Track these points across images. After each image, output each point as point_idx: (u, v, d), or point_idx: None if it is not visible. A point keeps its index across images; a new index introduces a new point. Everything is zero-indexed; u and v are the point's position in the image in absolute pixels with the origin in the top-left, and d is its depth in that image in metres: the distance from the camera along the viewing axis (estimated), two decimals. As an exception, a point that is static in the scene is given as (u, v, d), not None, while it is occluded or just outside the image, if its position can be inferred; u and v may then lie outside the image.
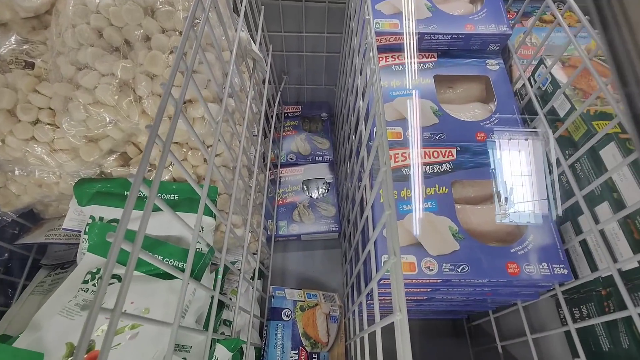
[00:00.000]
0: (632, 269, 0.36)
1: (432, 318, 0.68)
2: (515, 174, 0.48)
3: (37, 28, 0.44)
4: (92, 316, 0.21)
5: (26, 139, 0.41)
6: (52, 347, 0.34)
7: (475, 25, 0.56)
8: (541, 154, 0.48)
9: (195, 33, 0.34)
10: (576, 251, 0.45)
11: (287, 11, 0.74)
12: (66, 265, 0.60)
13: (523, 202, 0.47)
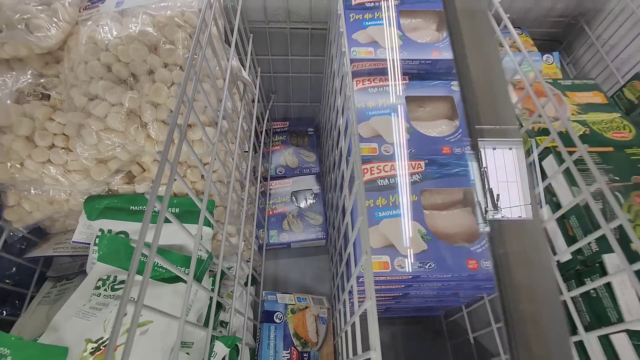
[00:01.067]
0: (567, 261, 0.42)
1: (413, 316, 0.74)
2: (501, 180, 0.55)
3: (50, 63, 0.50)
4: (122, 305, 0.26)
5: (43, 162, 0.46)
6: (72, 344, 0.38)
7: (440, 51, 0.63)
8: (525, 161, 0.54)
9: (194, 69, 0.40)
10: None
11: (274, 36, 0.81)
12: (71, 276, 0.64)
13: (510, 208, 0.53)
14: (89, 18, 0.50)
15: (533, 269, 0.22)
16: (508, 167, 0.38)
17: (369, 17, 0.66)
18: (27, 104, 0.47)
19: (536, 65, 0.69)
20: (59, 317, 0.43)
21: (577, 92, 0.57)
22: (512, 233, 0.25)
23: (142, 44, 0.46)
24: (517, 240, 0.24)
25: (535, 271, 0.23)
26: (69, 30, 0.49)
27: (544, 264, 0.22)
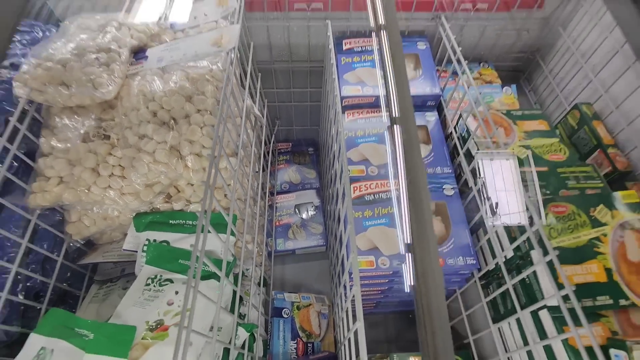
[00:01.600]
0: (511, 257, 0.55)
1: (401, 310, 0.87)
2: (499, 189, 0.66)
3: (106, 109, 0.64)
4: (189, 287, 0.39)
5: (104, 188, 0.60)
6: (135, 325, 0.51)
7: (416, 88, 0.77)
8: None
9: (222, 115, 0.54)
10: (485, 249, 0.64)
11: (278, 73, 0.95)
12: (114, 279, 0.77)
13: (509, 215, 0.64)
14: (137, 73, 0.64)
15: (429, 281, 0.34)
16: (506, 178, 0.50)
17: (357, 60, 0.80)
18: (91, 143, 0.60)
19: (497, 96, 0.83)
20: (120, 307, 0.56)
21: (525, 121, 0.71)
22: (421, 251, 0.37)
23: (181, 95, 0.60)
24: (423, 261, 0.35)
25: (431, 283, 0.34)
26: (122, 84, 0.63)
27: (438, 280, 0.34)
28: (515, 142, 0.67)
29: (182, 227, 0.63)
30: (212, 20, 0.72)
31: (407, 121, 0.44)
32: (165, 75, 0.63)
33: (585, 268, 0.48)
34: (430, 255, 0.34)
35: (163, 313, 0.53)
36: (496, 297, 0.59)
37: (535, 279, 0.50)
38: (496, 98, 0.82)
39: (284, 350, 0.80)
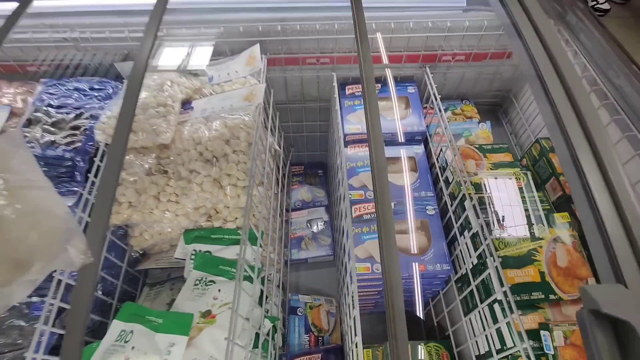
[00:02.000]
0: (476, 264, 0.71)
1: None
2: (505, 204, 0.80)
3: (163, 149, 0.83)
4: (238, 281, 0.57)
5: (163, 210, 0.78)
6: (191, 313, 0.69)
7: (405, 126, 0.95)
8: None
9: (253, 156, 0.72)
10: (460, 257, 0.80)
11: (293, 110, 1.14)
12: (162, 282, 0.95)
13: (515, 227, 0.77)
14: (186, 121, 0.84)
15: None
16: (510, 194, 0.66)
17: (358, 103, 0.99)
18: (153, 176, 0.79)
19: (474, 130, 1.00)
20: (177, 302, 0.74)
21: (493, 154, 0.87)
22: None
23: (220, 139, 0.79)
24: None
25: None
26: (175, 130, 0.82)
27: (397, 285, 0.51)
28: (483, 172, 0.83)
29: (220, 240, 0.81)
30: (241, 76, 0.91)
31: (377, 153, 0.59)
32: (208, 123, 0.82)
33: (524, 271, 0.64)
34: (394, 265, 0.50)
35: (210, 305, 0.71)
36: (466, 295, 0.75)
37: (490, 280, 0.66)
38: (473, 132, 0.99)
39: (298, 342, 0.97)
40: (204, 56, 0.93)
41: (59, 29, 0.87)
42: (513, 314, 0.57)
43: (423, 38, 0.92)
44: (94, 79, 0.93)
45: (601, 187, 0.47)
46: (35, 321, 0.63)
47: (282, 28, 0.88)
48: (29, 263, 0.37)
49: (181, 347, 0.64)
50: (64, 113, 0.87)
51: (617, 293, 0.40)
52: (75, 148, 0.82)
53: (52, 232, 0.39)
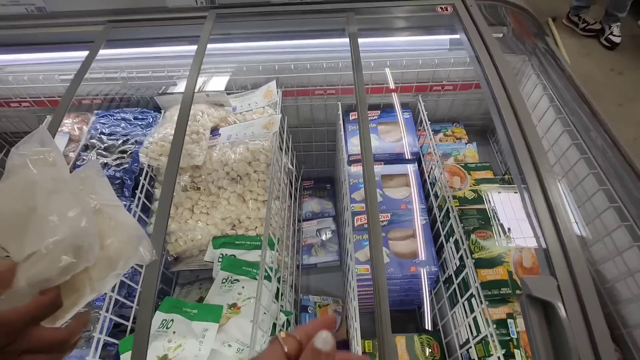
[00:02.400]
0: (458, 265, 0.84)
1: (397, 309, 1.15)
2: (510, 217, 0.92)
3: (195, 169, 0.99)
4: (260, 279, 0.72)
5: (196, 221, 0.94)
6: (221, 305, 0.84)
7: (401, 147, 1.09)
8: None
9: (271, 174, 0.87)
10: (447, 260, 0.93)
11: (304, 132, 1.30)
12: (192, 282, 1.11)
13: (524, 238, 0.89)
14: (215, 145, 1.00)
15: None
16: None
17: (360, 128, 1.14)
18: (188, 192, 0.96)
19: (462, 150, 1.14)
20: (208, 297, 0.89)
21: (477, 171, 1.01)
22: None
23: (244, 161, 0.95)
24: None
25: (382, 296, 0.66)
26: (206, 153, 0.99)
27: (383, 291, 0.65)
28: (467, 187, 0.97)
29: (243, 245, 0.96)
30: (260, 107, 1.08)
31: (367, 168, 0.74)
32: (233, 147, 0.98)
33: (495, 271, 0.77)
34: (380, 266, 0.64)
35: (236, 299, 0.86)
36: (451, 293, 0.88)
37: (468, 278, 0.79)
38: (461, 152, 1.13)
39: (309, 337, 1.10)
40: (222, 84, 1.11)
41: (111, 70, 1.06)
42: (482, 304, 0.70)
43: (415, 72, 1.07)
44: (137, 109, 1.11)
45: (543, 204, 0.61)
46: (99, 309, 0.79)
47: (295, 66, 1.05)
48: (117, 261, 0.52)
49: (213, 332, 0.79)
50: (113, 139, 1.05)
51: (547, 283, 0.54)
52: (124, 169, 0.99)
53: (130, 238, 0.54)
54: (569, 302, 0.53)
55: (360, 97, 0.77)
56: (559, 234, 0.58)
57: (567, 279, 0.55)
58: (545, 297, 0.52)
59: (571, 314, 0.52)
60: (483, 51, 0.80)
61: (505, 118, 0.71)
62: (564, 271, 0.56)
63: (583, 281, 0.54)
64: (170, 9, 0.93)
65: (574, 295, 0.53)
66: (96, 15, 0.94)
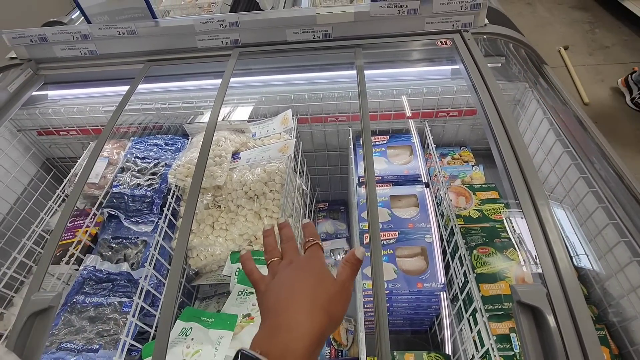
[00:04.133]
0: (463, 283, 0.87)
1: (407, 329, 1.16)
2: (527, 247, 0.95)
3: (217, 189, 1.09)
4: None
5: (217, 236, 1.02)
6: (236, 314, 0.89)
7: (409, 170, 1.15)
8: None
9: (285, 193, 0.95)
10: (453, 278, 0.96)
11: (318, 157, 1.38)
12: (210, 297, 1.17)
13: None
14: (235, 167, 1.10)
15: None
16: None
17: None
18: (209, 209, 1.04)
19: (469, 172, 1.18)
20: (225, 307, 0.95)
21: (482, 192, 1.05)
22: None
23: (261, 182, 1.03)
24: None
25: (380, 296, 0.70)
26: (227, 175, 1.08)
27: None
28: (472, 207, 1.01)
29: (259, 260, 1.02)
30: (277, 133, 1.18)
31: (370, 189, 0.80)
32: (252, 169, 1.07)
33: (497, 285, 0.79)
34: (379, 278, 0.68)
35: (250, 309, 0.91)
36: (458, 309, 0.90)
37: (472, 293, 0.82)
38: (468, 174, 1.17)
39: (321, 354, 1.13)
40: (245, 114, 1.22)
41: (147, 102, 1.20)
42: (483, 317, 0.72)
43: (420, 100, 1.15)
44: (168, 136, 1.24)
45: (535, 223, 0.65)
46: (126, 315, 0.87)
47: (309, 96, 1.15)
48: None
49: (228, 340, 0.84)
50: (146, 162, 1.17)
51: (536, 291, 0.57)
52: (154, 189, 1.10)
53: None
54: (558, 309, 0.56)
55: (364, 123, 0.85)
56: (550, 248, 0.62)
57: (557, 287, 0.58)
58: (534, 303, 0.55)
59: (561, 320, 0.54)
60: (479, 80, 0.88)
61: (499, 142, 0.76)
62: (554, 280, 0.59)
63: (572, 290, 0.57)
64: (200, 48, 1.07)
65: (563, 303, 0.56)
66: (138, 55, 1.09)
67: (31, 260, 1.09)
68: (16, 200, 1.28)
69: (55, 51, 1.09)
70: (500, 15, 1.17)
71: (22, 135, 1.32)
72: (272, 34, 1.03)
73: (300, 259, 0.53)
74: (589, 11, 3.04)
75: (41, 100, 1.23)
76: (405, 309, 1.02)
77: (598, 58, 2.59)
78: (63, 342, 0.80)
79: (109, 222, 1.09)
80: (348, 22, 1.00)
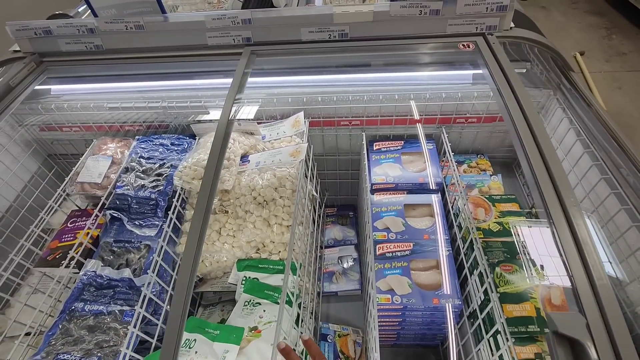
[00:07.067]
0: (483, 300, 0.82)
1: (418, 344, 1.12)
2: (542, 254, 0.89)
3: (224, 194, 1.04)
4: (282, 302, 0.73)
5: (223, 243, 0.98)
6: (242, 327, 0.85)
7: (424, 178, 1.10)
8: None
9: (297, 200, 0.90)
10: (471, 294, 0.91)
11: (329, 161, 1.34)
12: (214, 304, 1.13)
13: (559, 276, 0.85)
14: (244, 171, 1.05)
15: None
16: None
17: (383, 158, 1.16)
18: (217, 214, 1.00)
19: (486, 182, 1.13)
20: (230, 319, 0.90)
21: (502, 203, 1.00)
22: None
23: (271, 187, 0.99)
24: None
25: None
26: (235, 179, 1.04)
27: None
28: (492, 219, 0.96)
29: (267, 269, 0.98)
30: (288, 136, 1.13)
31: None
32: (261, 173, 1.03)
33: (522, 306, 0.74)
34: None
35: (257, 322, 0.87)
36: (476, 328, 0.85)
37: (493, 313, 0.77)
38: (486, 184, 1.12)
39: (328, 367, 1.08)
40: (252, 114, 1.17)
41: (153, 100, 1.15)
42: (508, 341, 0.68)
43: (438, 105, 1.10)
44: (174, 136, 1.19)
45: (570, 240, 0.60)
46: (127, 325, 0.83)
47: (322, 98, 1.11)
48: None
49: (234, 354, 0.80)
50: (151, 163, 1.12)
51: (575, 320, 0.52)
52: (159, 190, 1.05)
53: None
54: (599, 341, 0.51)
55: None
56: (588, 270, 0.57)
57: (597, 317, 0.53)
58: (574, 335, 0.50)
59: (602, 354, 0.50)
60: (505, 86, 0.82)
61: (528, 151, 0.71)
62: (593, 309, 0.54)
63: (614, 320, 0.52)
64: (210, 46, 1.02)
65: (604, 334, 0.51)
66: (144, 51, 1.05)
67: (29, 261, 1.05)
68: (16, 198, 1.24)
69: (59, 45, 1.05)
70: (524, 18, 1.11)
71: (24, 130, 1.28)
72: (286, 33, 0.99)
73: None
74: (605, 16, 2.97)
75: (44, 95, 1.19)
76: (419, 324, 0.98)
77: (615, 65, 2.53)
78: (60, 354, 0.76)
79: (111, 224, 1.04)
80: (366, 21, 0.95)
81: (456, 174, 0.98)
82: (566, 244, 0.59)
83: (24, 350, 0.90)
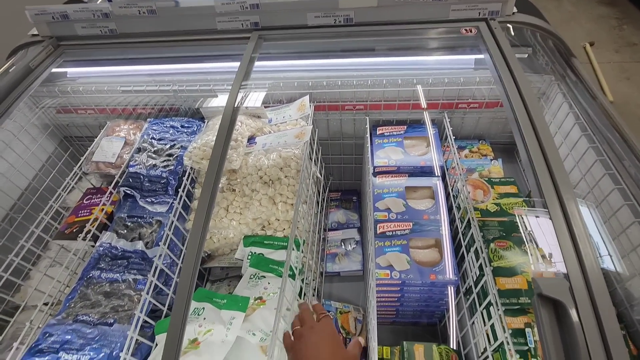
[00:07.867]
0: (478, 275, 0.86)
1: (417, 321, 1.16)
2: (551, 243, 0.91)
3: (232, 173, 1.09)
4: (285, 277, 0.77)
5: (230, 219, 1.03)
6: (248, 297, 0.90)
7: (425, 161, 1.13)
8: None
9: (301, 179, 0.94)
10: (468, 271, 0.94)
11: (333, 145, 1.37)
12: (222, 279, 1.18)
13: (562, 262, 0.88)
14: (251, 152, 1.09)
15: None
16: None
17: (386, 142, 1.20)
18: (224, 193, 1.05)
19: (487, 166, 1.16)
20: (237, 290, 0.95)
21: (501, 186, 1.03)
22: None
23: (276, 167, 1.03)
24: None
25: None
26: (242, 159, 1.08)
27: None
28: (490, 200, 0.99)
29: (272, 245, 1.02)
30: (294, 119, 1.17)
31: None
32: (267, 154, 1.07)
33: (514, 280, 0.77)
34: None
35: (262, 293, 0.92)
36: (471, 302, 0.89)
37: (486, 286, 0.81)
38: (486, 168, 1.15)
39: (329, 341, 1.13)
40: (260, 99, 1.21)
41: (164, 84, 1.20)
42: (499, 310, 0.71)
43: (441, 90, 1.13)
44: (184, 119, 1.24)
45: (561, 218, 0.63)
46: (140, 292, 0.88)
47: (327, 83, 1.14)
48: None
49: (239, 320, 0.85)
50: (162, 144, 1.17)
51: (559, 284, 0.56)
52: (169, 170, 1.10)
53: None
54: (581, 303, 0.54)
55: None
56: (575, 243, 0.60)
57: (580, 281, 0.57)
58: (557, 297, 0.54)
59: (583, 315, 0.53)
60: (505, 71, 0.85)
61: (525, 136, 0.74)
62: (577, 275, 0.57)
63: (596, 284, 0.56)
64: (219, 30, 1.06)
65: (586, 297, 0.55)
66: (156, 35, 1.09)
67: (48, 234, 1.11)
68: (34, 177, 1.30)
69: (76, 29, 1.10)
70: (527, 3, 1.13)
71: (42, 112, 1.33)
72: (292, 17, 1.02)
73: (319, 326, 0.71)
74: (616, 7, 2.93)
75: (60, 77, 1.24)
76: (417, 300, 1.02)
77: (624, 55, 2.50)
78: (80, 315, 0.82)
79: (124, 200, 1.10)
80: (371, 7, 0.98)
81: (456, 157, 1.01)
82: (557, 221, 0.63)
83: (43, 317, 0.96)
